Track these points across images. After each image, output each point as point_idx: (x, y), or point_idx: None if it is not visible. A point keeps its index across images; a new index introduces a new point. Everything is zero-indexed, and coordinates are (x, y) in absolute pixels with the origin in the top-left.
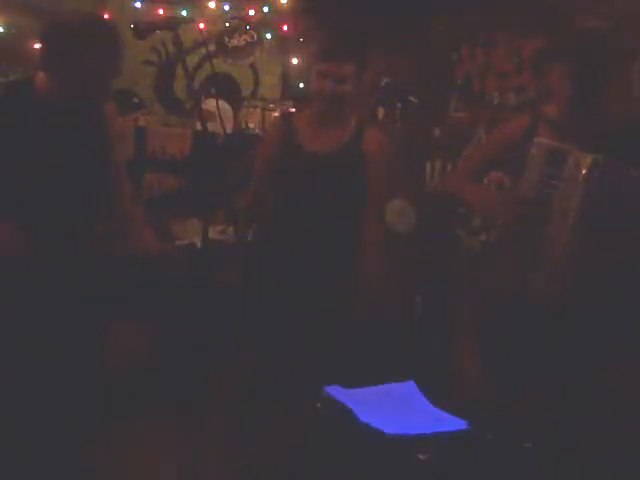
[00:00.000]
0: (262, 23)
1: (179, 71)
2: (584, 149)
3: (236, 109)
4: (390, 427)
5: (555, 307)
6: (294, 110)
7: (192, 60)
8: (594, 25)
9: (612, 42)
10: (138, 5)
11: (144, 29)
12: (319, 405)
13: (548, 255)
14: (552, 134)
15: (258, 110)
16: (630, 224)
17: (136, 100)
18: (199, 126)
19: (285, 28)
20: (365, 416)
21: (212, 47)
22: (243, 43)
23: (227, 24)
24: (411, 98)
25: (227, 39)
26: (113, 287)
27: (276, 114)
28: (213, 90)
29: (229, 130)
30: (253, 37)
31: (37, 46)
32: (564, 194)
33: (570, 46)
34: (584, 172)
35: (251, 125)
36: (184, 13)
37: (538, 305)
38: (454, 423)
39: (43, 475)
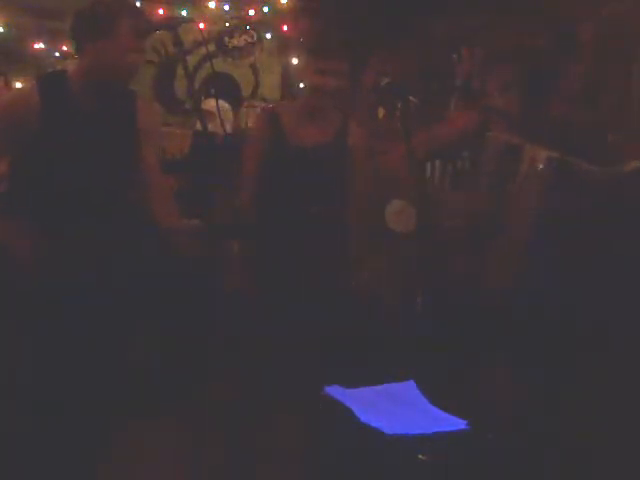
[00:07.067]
0: (262, 23)
1: (179, 71)
2: (538, 144)
3: (236, 109)
4: (390, 427)
5: (512, 306)
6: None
7: (192, 60)
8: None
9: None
10: (138, 5)
11: (144, 29)
12: (319, 405)
13: (505, 254)
14: (505, 128)
15: (258, 110)
16: (587, 220)
17: None
18: (199, 126)
19: (285, 28)
20: (365, 416)
21: (212, 47)
22: (243, 43)
23: (227, 24)
24: (411, 98)
25: (227, 39)
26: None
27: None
28: (213, 90)
29: (229, 130)
30: (253, 37)
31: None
32: (522, 190)
33: (520, 49)
34: (540, 167)
35: (251, 125)
36: (184, 13)
37: (491, 305)
38: (454, 423)
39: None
